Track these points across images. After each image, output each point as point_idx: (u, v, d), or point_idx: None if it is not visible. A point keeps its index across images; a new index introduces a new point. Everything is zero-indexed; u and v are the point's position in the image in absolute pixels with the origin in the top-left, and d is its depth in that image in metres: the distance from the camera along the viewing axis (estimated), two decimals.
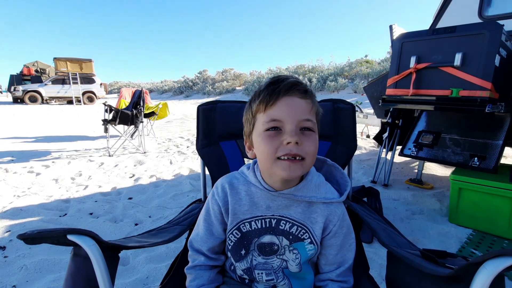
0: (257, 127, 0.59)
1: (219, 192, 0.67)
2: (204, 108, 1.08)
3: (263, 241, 0.65)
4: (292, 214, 0.64)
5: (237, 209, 0.65)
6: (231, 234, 0.67)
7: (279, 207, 0.64)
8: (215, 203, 0.67)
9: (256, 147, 0.60)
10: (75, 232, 0.52)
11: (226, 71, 19.56)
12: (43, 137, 5.53)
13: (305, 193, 0.63)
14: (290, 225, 0.64)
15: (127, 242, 0.70)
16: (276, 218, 0.64)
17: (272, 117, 0.56)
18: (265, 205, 0.64)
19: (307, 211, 0.64)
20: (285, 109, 0.56)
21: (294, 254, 0.65)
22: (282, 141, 0.55)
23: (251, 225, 0.65)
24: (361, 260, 0.83)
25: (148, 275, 1.47)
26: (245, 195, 0.65)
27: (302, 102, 0.57)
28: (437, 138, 2.18)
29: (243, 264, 0.68)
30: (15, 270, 1.48)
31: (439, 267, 0.55)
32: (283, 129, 0.56)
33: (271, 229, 0.65)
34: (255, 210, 0.65)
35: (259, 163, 0.62)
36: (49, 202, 2.38)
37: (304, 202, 0.64)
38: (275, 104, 0.56)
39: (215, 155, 1.07)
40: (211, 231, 0.68)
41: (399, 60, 2.03)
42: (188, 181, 2.89)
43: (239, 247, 0.67)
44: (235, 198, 0.65)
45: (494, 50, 1.63)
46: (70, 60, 14.56)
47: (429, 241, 1.78)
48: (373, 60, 13.79)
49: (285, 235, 0.65)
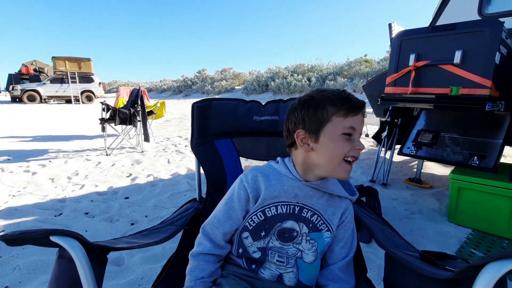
0: (331, 128, 0.66)
1: (249, 180, 0.71)
2: (199, 105, 1.06)
3: (285, 226, 0.70)
4: (314, 204, 0.71)
5: (267, 194, 0.70)
6: (254, 215, 0.71)
7: (305, 196, 0.71)
8: (243, 189, 0.71)
9: (325, 145, 0.66)
10: (58, 233, 0.50)
11: (225, 70, 19.52)
12: (41, 136, 5.50)
13: (330, 187, 0.72)
14: (311, 214, 0.71)
15: (116, 243, 0.68)
16: (300, 205, 0.71)
17: (352, 124, 0.65)
18: (293, 193, 0.70)
19: (327, 203, 0.73)
20: (360, 121, 0.67)
21: (310, 244, 0.70)
22: (355, 146, 0.65)
23: (277, 209, 0.70)
24: (359, 262, 0.81)
25: (143, 276, 1.44)
26: (276, 182, 0.71)
27: (363, 119, 0.69)
28: (436, 137, 2.16)
29: (260, 243, 0.71)
30: (8, 271, 1.46)
31: (439, 269, 0.53)
32: (353, 136, 0.66)
33: (293, 215, 0.70)
34: (282, 196, 0.70)
35: (321, 159, 0.67)
36: (44, 201, 2.35)
37: (326, 194, 0.73)
38: (356, 115, 0.66)
39: (210, 153, 1.04)
40: (230, 215, 0.72)
41: (398, 58, 2.01)
42: (186, 180, 2.86)
43: (260, 229, 0.71)
44: (267, 184, 0.70)
45: (495, 48, 1.61)
46: (68, 59, 14.50)
47: (428, 241, 1.76)
48: (372, 60, 13.77)
49: (306, 222, 0.71)
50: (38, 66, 18.67)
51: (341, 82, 11.82)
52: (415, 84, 1.94)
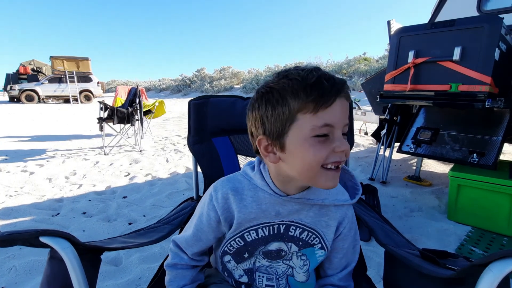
0: (299, 130, 0.48)
1: (219, 199, 0.58)
2: (195, 103, 1.04)
3: (270, 248, 0.61)
4: (303, 218, 0.59)
5: (241, 218, 0.58)
6: (232, 241, 0.61)
7: (289, 213, 0.58)
8: (212, 210, 0.59)
9: (293, 153, 0.50)
10: (48, 234, 0.48)
11: (224, 69, 19.47)
12: (39, 136, 5.47)
13: (318, 196, 0.58)
14: (301, 231, 0.60)
15: (111, 243, 0.66)
16: (286, 223, 0.59)
17: (326, 121, 0.47)
18: (274, 212, 0.58)
19: (318, 214, 0.60)
20: (339, 113, 0.48)
21: (302, 261, 0.61)
22: (334, 148, 0.48)
23: (257, 233, 0.59)
24: (359, 261, 0.79)
25: (141, 276, 1.43)
26: (252, 201, 0.58)
27: (347, 105, 0.50)
28: (435, 135, 2.15)
29: (245, 264, 0.63)
30: (4, 272, 1.44)
31: (440, 268, 0.51)
32: (331, 135, 0.48)
33: (279, 235, 0.60)
34: (262, 218, 0.58)
35: (292, 170, 0.52)
36: (41, 201, 2.33)
37: (316, 205, 0.59)
38: (330, 105, 0.47)
39: (207, 151, 1.03)
40: (200, 237, 0.62)
41: (397, 55, 1.99)
42: (184, 179, 2.85)
43: (242, 252, 0.62)
44: (239, 206, 0.57)
45: (494, 44, 1.60)
46: (66, 59, 14.42)
47: (427, 238, 1.75)
48: (371, 58, 13.76)
49: (295, 241, 0.60)
50: (36, 66, 18.58)
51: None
52: (414, 81, 1.93)
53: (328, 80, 0.47)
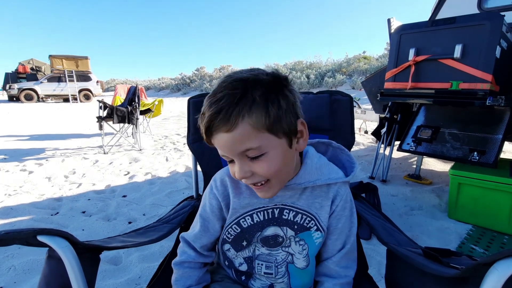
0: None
1: (218, 186, 0.63)
2: (195, 100, 1.03)
3: (266, 234, 0.62)
4: (296, 202, 0.61)
5: (236, 203, 0.61)
6: (230, 228, 0.63)
7: (281, 197, 0.60)
8: (214, 198, 0.63)
9: None
10: (45, 233, 0.47)
11: (224, 68, 19.45)
12: (38, 135, 5.46)
13: (308, 178, 0.59)
14: (294, 214, 0.61)
15: (110, 242, 0.65)
16: (279, 207, 0.61)
17: (218, 150, 0.51)
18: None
19: (311, 196, 0.61)
20: (221, 147, 0.49)
21: (300, 246, 0.62)
22: (235, 173, 0.51)
23: (252, 218, 0.62)
24: (360, 259, 0.79)
25: (140, 275, 1.42)
26: (246, 188, 0.61)
27: (229, 136, 0.46)
28: (436, 133, 2.15)
29: (244, 252, 0.64)
30: (3, 271, 1.44)
31: (443, 266, 0.51)
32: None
33: (274, 219, 0.62)
34: (256, 203, 0.61)
35: None
36: (41, 200, 2.32)
37: (308, 188, 0.61)
38: (212, 141, 0.50)
39: (207, 149, 1.02)
40: (207, 227, 0.65)
41: (397, 53, 1.98)
42: (184, 178, 2.84)
43: (239, 240, 0.64)
44: (235, 192, 0.62)
45: (495, 41, 1.59)
46: (65, 58, 14.38)
47: (428, 237, 1.75)
48: (371, 56, 13.75)
49: (289, 225, 0.61)
50: (35, 65, 18.53)
51: (339, 79, 11.79)
52: (415, 79, 1.92)
53: (204, 116, 0.47)
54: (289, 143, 0.51)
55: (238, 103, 0.45)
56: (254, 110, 0.46)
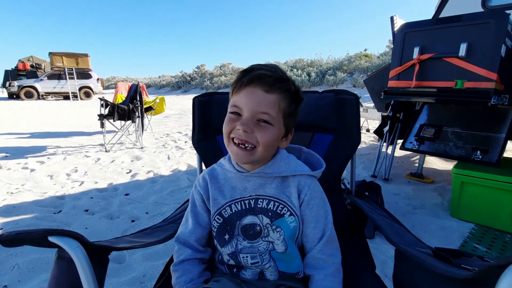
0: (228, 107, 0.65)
1: (200, 182, 0.71)
2: (200, 100, 1.03)
3: (244, 222, 0.67)
4: (267, 191, 0.67)
5: (216, 195, 0.69)
6: (214, 220, 0.69)
7: (254, 187, 0.68)
8: (197, 193, 0.71)
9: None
10: (56, 233, 0.47)
11: (224, 66, 19.39)
12: (39, 133, 5.45)
13: (276, 169, 0.67)
14: (267, 202, 0.67)
15: (118, 242, 0.66)
16: (254, 198, 0.68)
17: (235, 103, 0.61)
18: (242, 187, 0.68)
19: (280, 186, 0.68)
20: (244, 99, 0.60)
21: (277, 233, 0.66)
22: (236, 125, 0.60)
23: (231, 208, 0.68)
24: (367, 259, 0.79)
25: (144, 273, 1.43)
26: (224, 182, 0.70)
27: (263, 94, 0.60)
28: (438, 132, 2.14)
29: (228, 248, 0.68)
30: (6, 270, 1.44)
31: (454, 268, 0.50)
32: (242, 116, 0.60)
33: (250, 209, 0.67)
34: (233, 194, 0.69)
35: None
36: (43, 198, 2.33)
37: (277, 178, 0.68)
38: (238, 92, 0.61)
39: (211, 149, 1.02)
40: (198, 221, 0.71)
41: (401, 51, 1.97)
42: (186, 176, 2.84)
43: (222, 232, 0.68)
44: (214, 186, 0.70)
45: (501, 40, 1.58)
46: (66, 55, 14.32)
47: (431, 236, 1.75)
48: (372, 54, 13.69)
49: (264, 212, 0.67)
50: (35, 62, 18.47)
51: (340, 77, 11.75)
52: (419, 78, 1.91)
53: (248, 72, 0.61)
54: (283, 134, 0.66)
55: (282, 82, 0.61)
56: (287, 96, 0.62)
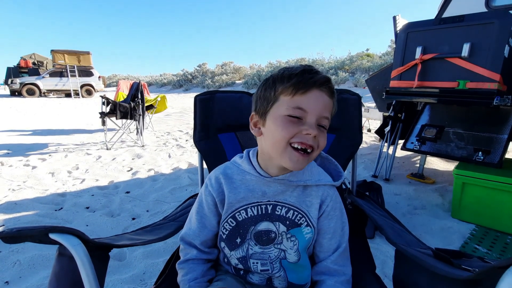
0: (277, 108, 0.58)
1: (213, 183, 0.66)
2: (201, 98, 1.03)
3: (259, 228, 0.65)
4: (288, 199, 0.64)
5: (232, 197, 0.65)
6: (225, 223, 0.66)
7: (274, 193, 0.64)
8: (209, 195, 0.66)
9: (269, 128, 0.59)
10: (57, 231, 0.47)
11: (226, 65, 19.37)
12: (40, 130, 5.47)
13: (300, 178, 0.64)
14: (286, 210, 0.64)
15: (119, 240, 0.66)
16: (272, 204, 0.64)
17: (299, 105, 0.56)
18: (260, 192, 0.64)
19: (302, 195, 0.65)
20: (313, 101, 0.56)
21: (291, 242, 0.64)
22: (302, 130, 0.55)
23: (247, 212, 0.65)
24: (367, 259, 0.79)
25: (145, 271, 1.43)
26: (240, 183, 0.65)
27: (328, 100, 0.58)
28: (440, 132, 2.14)
29: (238, 252, 0.66)
30: (8, 266, 1.45)
31: (455, 268, 0.50)
32: (304, 119, 0.56)
33: (267, 215, 0.64)
34: (250, 197, 0.64)
35: (267, 144, 0.61)
36: (44, 196, 2.33)
37: (299, 186, 0.65)
38: (305, 93, 0.56)
39: (213, 148, 1.02)
40: (204, 224, 0.67)
41: (404, 51, 1.96)
42: (187, 175, 2.85)
43: (234, 236, 0.66)
44: (230, 187, 0.65)
45: (504, 40, 1.57)
46: (67, 53, 14.35)
47: (431, 236, 1.75)
48: (374, 54, 13.65)
49: (282, 220, 0.64)
50: (37, 60, 18.52)
51: (342, 77, 11.73)
52: (421, 78, 1.91)
53: (310, 72, 0.57)
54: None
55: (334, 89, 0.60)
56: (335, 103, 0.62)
